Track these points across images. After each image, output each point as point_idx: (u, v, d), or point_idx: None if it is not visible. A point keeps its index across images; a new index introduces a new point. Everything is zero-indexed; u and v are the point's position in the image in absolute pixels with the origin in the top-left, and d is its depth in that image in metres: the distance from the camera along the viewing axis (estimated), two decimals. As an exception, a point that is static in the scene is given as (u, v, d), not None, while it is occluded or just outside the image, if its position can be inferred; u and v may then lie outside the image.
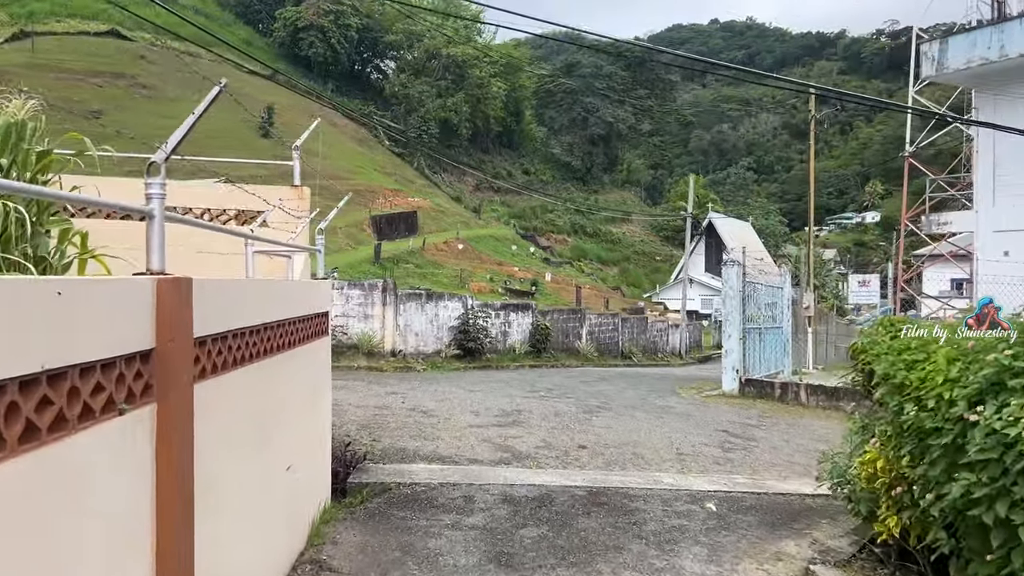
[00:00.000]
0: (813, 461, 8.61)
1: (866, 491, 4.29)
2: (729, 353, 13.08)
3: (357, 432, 8.14)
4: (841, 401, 12.02)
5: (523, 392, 12.71)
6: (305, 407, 5.39)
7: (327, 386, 6.28)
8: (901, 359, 3.65)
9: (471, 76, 69.46)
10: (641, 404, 11.88)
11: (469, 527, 5.41)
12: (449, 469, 6.99)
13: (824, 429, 10.62)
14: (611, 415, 10.58)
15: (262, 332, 3.96)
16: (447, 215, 54.46)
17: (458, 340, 17.87)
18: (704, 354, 33.49)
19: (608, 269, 62.43)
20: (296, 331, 4.90)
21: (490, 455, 7.62)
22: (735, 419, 10.94)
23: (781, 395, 12.56)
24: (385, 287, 16.54)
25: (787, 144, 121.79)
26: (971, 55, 15.46)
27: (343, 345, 15.24)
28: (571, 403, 11.56)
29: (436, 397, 11.19)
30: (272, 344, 4.21)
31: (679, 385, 15.30)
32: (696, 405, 12.13)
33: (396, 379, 13.74)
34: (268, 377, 4.11)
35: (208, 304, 3.03)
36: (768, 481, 7.43)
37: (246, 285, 3.59)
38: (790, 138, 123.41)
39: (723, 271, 13.22)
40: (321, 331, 5.78)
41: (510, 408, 10.57)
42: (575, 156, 79.72)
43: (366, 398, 10.57)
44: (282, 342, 4.50)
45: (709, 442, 9.11)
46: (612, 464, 7.67)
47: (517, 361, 19.59)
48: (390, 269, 34.25)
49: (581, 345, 23.01)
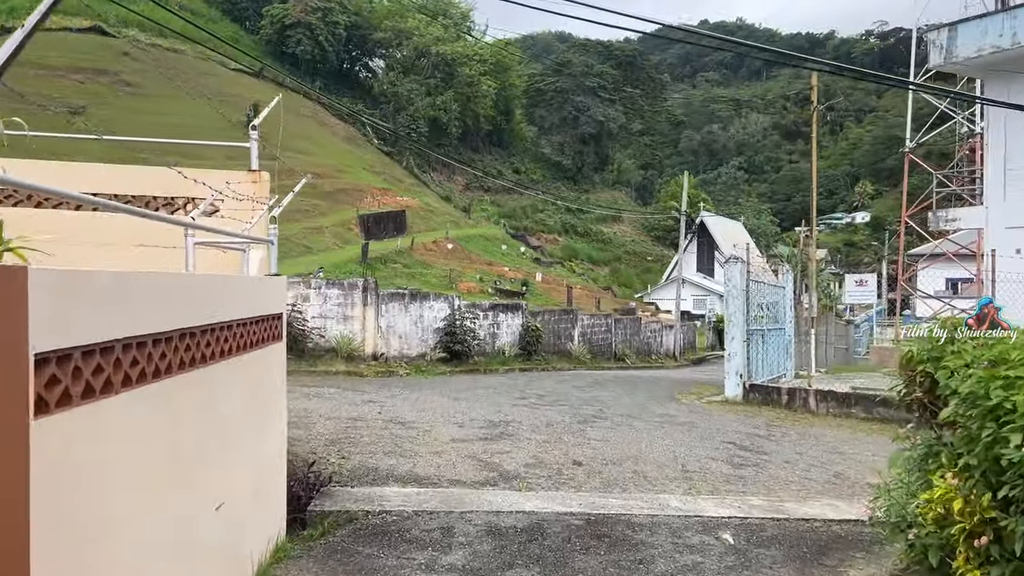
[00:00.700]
0: (831, 477, 7.82)
1: (935, 535, 3.45)
2: (732, 357, 12.26)
3: (325, 448, 7.25)
4: (853, 408, 11.23)
5: (512, 399, 11.85)
6: (249, 428, 4.52)
7: (280, 400, 5.40)
8: (998, 374, 2.82)
9: (461, 74, 68.54)
10: (640, 412, 11.04)
11: (446, 568, 4.55)
12: (426, 493, 6.12)
13: (837, 440, 9.82)
14: (608, 425, 9.74)
15: (176, 341, 3.08)
16: (436, 214, 53.54)
17: (444, 342, 16.98)
18: (698, 356, 32.74)
19: (599, 269, 61.68)
20: (234, 337, 4.03)
21: (474, 475, 6.76)
22: (742, 429, 10.12)
23: (788, 402, 11.75)
24: (366, 286, 15.62)
25: (777, 144, 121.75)
26: (982, 43, 14.73)
27: (320, 348, 14.35)
28: (564, 412, 10.71)
29: (417, 406, 10.31)
30: (194, 355, 3.33)
31: (678, 390, 14.49)
32: (698, 413, 11.31)
33: (376, 385, 12.84)
34: (186, 397, 3.23)
35: (64, 305, 2.16)
36: (787, 504, 6.60)
37: (138, 280, 2.70)
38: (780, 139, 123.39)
39: (725, 269, 12.42)
40: (271, 336, 4.91)
41: (497, 419, 9.70)
42: (565, 155, 78.93)
43: (339, 408, 9.67)
44: (211, 352, 3.62)
45: (716, 456, 8.29)
46: (611, 484, 6.82)
47: (506, 364, 18.73)
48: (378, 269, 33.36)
49: (573, 347, 22.19)
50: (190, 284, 3.47)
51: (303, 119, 63.85)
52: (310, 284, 14.98)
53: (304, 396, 10.27)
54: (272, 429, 5.01)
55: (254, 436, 4.58)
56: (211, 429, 3.71)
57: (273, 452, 5.06)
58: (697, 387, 15.04)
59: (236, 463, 4.21)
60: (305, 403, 9.70)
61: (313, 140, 59.32)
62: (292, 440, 7.37)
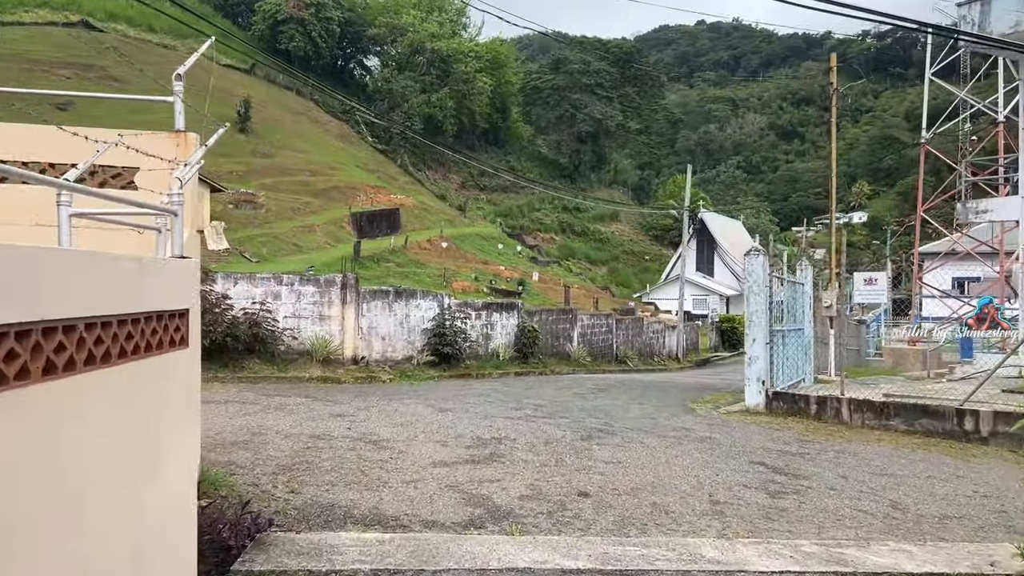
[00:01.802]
0: (888, 509, 6.47)
1: None
2: (753, 361, 10.91)
3: (272, 478, 5.87)
4: (892, 420, 9.90)
5: (505, 410, 10.48)
6: (122, 473, 3.18)
7: (188, 428, 4.00)
8: None
9: (456, 71, 67.23)
10: (651, 426, 9.68)
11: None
12: (392, 542, 4.76)
13: (881, 458, 8.49)
14: (617, 442, 8.38)
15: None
16: (431, 213, 52.25)
17: (432, 344, 15.60)
18: (702, 357, 31.42)
19: (597, 268, 60.39)
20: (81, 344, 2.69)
21: (455, 513, 5.40)
22: (770, 446, 8.78)
23: (818, 412, 10.40)
24: (345, 283, 14.22)
25: (774, 144, 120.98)
26: (1021, 16, 13.44)
27: (293, 351, 12.97)
28: (565, 426, 9.36)
29: (395, 420, 8.93)
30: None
31: (690, 397, 13.14)
32: (717, 426, 9.96)
33: (352, 393, 11.44)
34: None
35: None
36: (848, 550, 5.25)
37: None
38: (777, 139, 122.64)
39: (746, 262, 11.07)
40: (168, 342, 3.56)
41: (488, 435, 8.33)
42: (562, 154, 77.66)
43: (302, 423, 8.28)
44: (20, 367, 2.28)
45: (748, 482, 6.94)
46: (626, 523, 5.47)
47: (501, 368, 17.37)
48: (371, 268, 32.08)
49: (572, 349, 20.84)
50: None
51: (296, 116, 62.57)
52: (282, 280, 13.59)
53: (263, 409, 8.90)
54: (169, 470, 3.63)
55: (133, 483, 3.24)
56: (33, 483, 2.35)
57: (171, 500, 3.68)
58: (711, 394, 13.70)
59: (93, 525, 2.87)
60: (261, 418, 8.33)
61: (306, 137, 57.99)
62: (232, 467, 6.00)
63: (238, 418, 8.16)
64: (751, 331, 10.84)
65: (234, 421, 7.93)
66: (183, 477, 3.94)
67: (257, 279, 13.37)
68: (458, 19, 75.92)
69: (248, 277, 13.43)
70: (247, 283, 13.18)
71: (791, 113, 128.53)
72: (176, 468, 3.74)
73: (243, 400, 9.55)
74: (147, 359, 3.32)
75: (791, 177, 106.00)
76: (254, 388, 10.90)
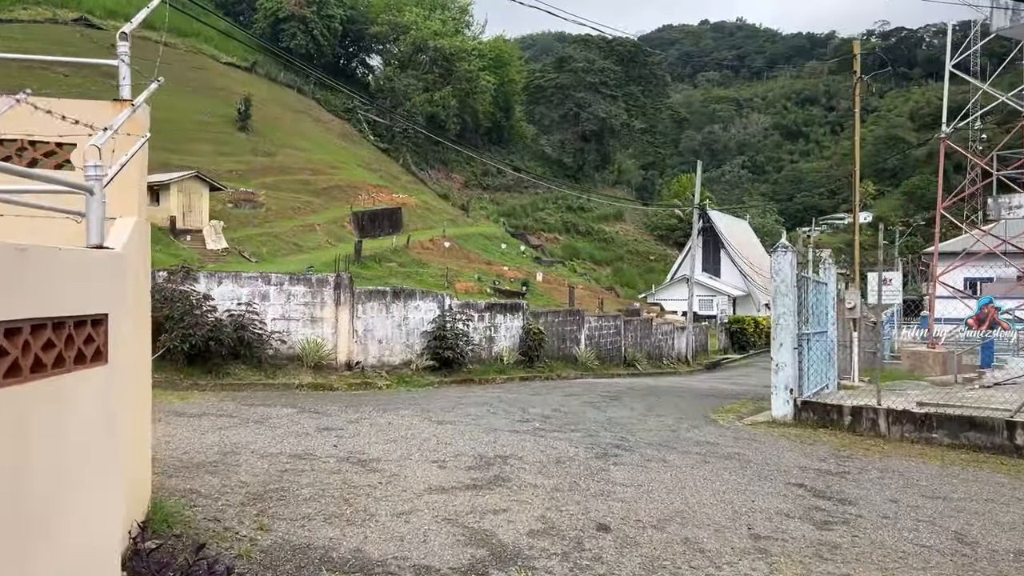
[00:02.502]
0: (953, 543, 5.57)
1: None
2: (781, 368, 10.01)
3: (238, 510, 5.01)
4: (935, 432, 9.01)
5: (511, 422, 9.61)
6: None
7: (106, 467, 3.12)
8: None
9: (459, 70, 66.36)
10: (672, 440, 8.79)
11: None
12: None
13: (930, 478, 7.60)
14: (636, 461, 7.51)
15: None
16: (434, 212, 51.46)
17: (432, 348, 14.73)
18: (712, 360, 30.50)
19: (601, 269, 59.48)
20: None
21: (453, 555, 4.54)
22: (806, 463, 7.90)
23: (852, 424, 9.50)
24: (338, 283, 13.35)
25: (778, 144, 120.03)
26: (1063, -3, 12.55)
27: (282, 356, 12.12)
28: (578, 440, 8.48)
29: (388, 435, 8.05)
30: None
31: (709, 406, 12.25)
32: (744, 440, 9.07)
33: (344, 403, 10.56)
34: None
35: None
36: (926, 602, 4.39)
37: None
38: (781, 139, 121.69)
39: (773, 260, 10.19)
40: (73, 358, 2.72)
41: (492, 452, 7.46)
42: (566, 153, 76.77)
43: (283, 439, 7.41)
44: None
45: (789, 510, 6.07)
46: (656, 567, 4.59)
47: (504, 373, 16.50)
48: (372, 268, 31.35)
49: (579, 351, 19.97)
50: None
51: (297, 115, 61.82)
52: (270, 280, 12.71)
53: (241, 422, 8.03)
54: (69, 531, 2.76)
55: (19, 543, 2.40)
56: None
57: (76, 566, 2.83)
58: (731, 402, 12.81)
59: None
60: (237, 433, 7.46)
61: (307, 136, 57.22)
62: (194, 497, 5.15)
63: (210, 434, 7.29)
64: (778, 335, 9.95)
65: (205, 438, 7.06)
66: (102, 531, 3.07)
67: (243, 278, 12.50)
68: (461, 17, 75.08)
69: (233, 276, 12.58)
70: (232, 283, 12.32)
71: (795, 113, 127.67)
72: (87, 525, 2.87)
73: (220, 412, 8.68)
74: (44, 380, 2.47)
75: (796, 177, 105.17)
76: (236, 397, 10.04)
